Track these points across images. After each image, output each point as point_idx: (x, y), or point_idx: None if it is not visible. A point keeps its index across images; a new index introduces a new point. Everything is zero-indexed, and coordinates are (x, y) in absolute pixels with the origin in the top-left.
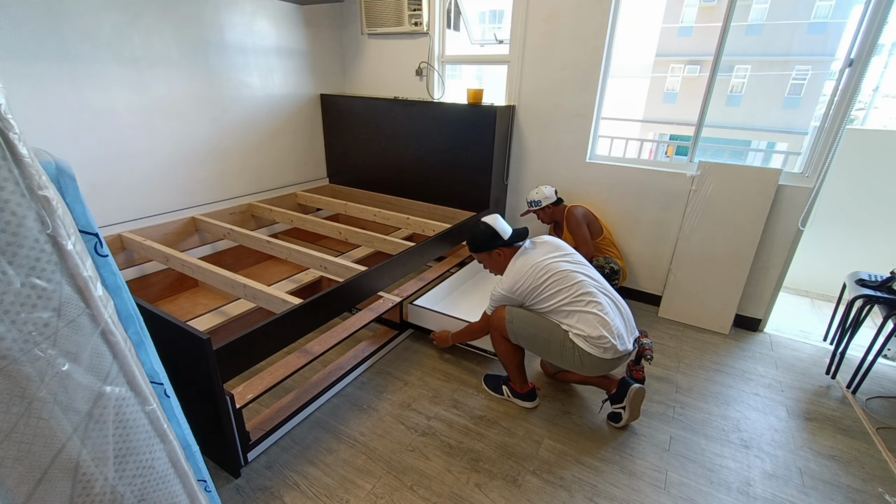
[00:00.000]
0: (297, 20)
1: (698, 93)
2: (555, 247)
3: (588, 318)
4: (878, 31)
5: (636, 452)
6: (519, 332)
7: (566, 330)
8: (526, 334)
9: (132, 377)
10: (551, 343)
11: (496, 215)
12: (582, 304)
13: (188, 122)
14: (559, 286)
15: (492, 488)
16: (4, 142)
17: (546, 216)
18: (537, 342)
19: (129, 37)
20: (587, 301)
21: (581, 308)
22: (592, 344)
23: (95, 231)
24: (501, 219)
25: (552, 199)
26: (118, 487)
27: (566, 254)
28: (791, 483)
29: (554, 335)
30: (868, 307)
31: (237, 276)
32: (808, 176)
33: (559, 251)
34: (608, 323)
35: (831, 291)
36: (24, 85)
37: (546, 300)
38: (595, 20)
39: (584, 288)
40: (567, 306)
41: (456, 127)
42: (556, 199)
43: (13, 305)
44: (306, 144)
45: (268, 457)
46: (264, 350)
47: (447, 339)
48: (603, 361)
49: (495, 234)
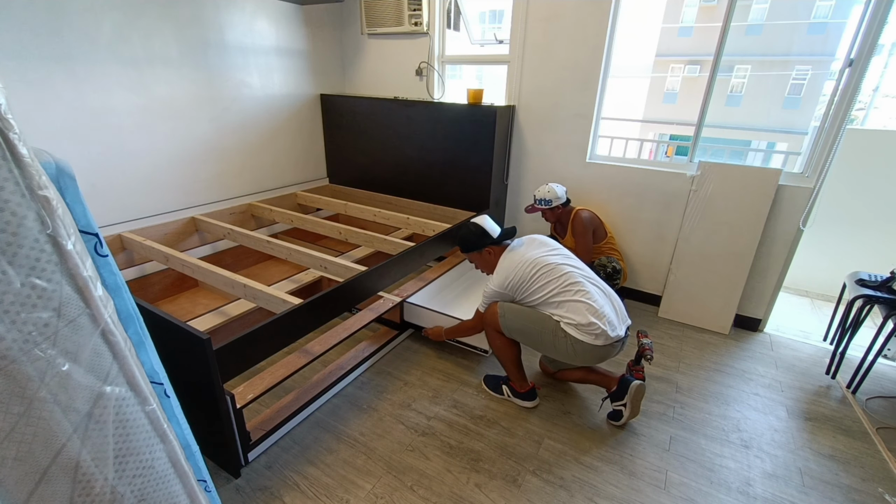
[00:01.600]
0: (297, 20)
1: (698, 93)
2: (541, 243)
3: (577, 307)
4: (878, 31)
5: (636, 452)
6: (512, 326)
7: (557, 320)
8: (518, 327)
9: (132, 377)
10: (543, 334)
11: (485, 215)
12: (570, 294)
13: (188, 122)
14: (547, 278)
15: (492, 488)
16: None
17: (552, 216)
18: (530, 334)
19: (129, 37)
20: (575, 290)
21: (569, 297)
22: (583, 331)
23: (95, 231)
24: (490, 219)
25: (562, 200)
26: (118, 487)
27: (553, 249)
28: (791, 483)
29: (546, 326)
30: (868, 307)
31: (237, 276)
32: (809, 176)
33: (546, 247)
34: (597, 310)
35: (831, 291)
36: (24, 85)
37: (535, 293)
38: (595, 20)
39: (571, 278)
40: (556, 297)
41: (456, 127)
42: (566, 200)
43: (13, 305)
44: (306, 144)
45: (268, 457)
46: (264, 350)
47: (440, 334)
48: (595, 348)
49: (484, 233)
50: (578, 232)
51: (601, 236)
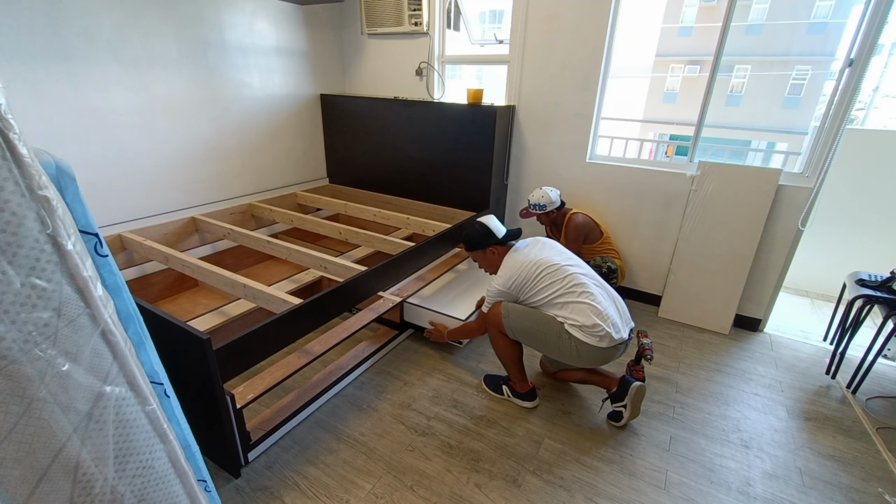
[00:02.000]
0: (297, 20)
1: (698, 93)
2: (546, 244)
3: (581, 308)
4: (878, 31)
5: (636, 452)
6: (516, 327)
7: (561, 322)
8: (523, 328)
9: (132, 377)
10: (548, 335)
11: (491, 215)
12: (574, 295)
13: (188, 122)
14: (551, 279)
15: (492, 488)
16: (4, 142)
17: (547, 219)
18: (534, 336)
19: (129, 37)
20: (580, 292)
21: (574, 299)
22: (588, 333)
23: (95, 231)
24: (496, 219)
25: (557, 205)
26: (118, 487)
27: (558, 251)
28: (791, 483)
29: (550, 327)
30: (868, 307)
31: (237, 276)
32: (808, 176)
33: (551, 248)
34: (601, 312)
35: (831, 291)
36: (24, 85)
37: (539, 293)
38: (595, 20)
39: (575, 280)
40: (560, 298)
41: (456, 127)
42: (560, 204)
43: (13, 305)
44: (306, 144)
45: (268, 457)
46: (264, 350)
47: (443, 335)
48: (599, 350)
49: (489, 233)
50: (571, 237)
51: (596, 237)
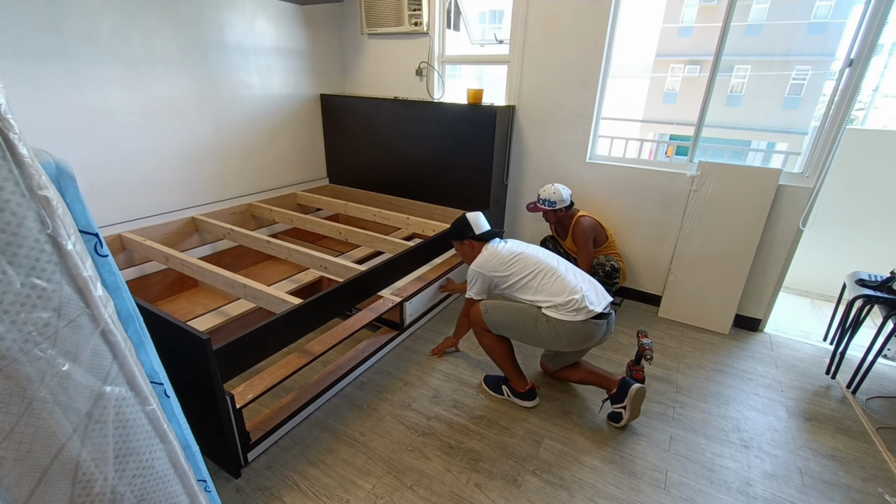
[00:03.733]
0: (297, 20)
1: (698, 93)
2: (524, 244)
3: (553, 288)
4: (878, 31)
5: (636, 452)
6: (496, 321)
7: (539, 306)
8: (503, 321)
9: (132, 377)
10: (526, 322)
11: (479, 213)
12: (546, 276)
13: (188, 122)
14: (523, 263)
15: (492, 488)
16: (4, 142)
17: (554, 217)
18: (513, 325)
19: (129, 37)
20: (551, 273)
21: (545, 279)
22: (563, 311)
23: (95, 231)
24: (483, 217)
25: (567, 203)
26: (118, 487)
27: (535, 248)
28: (791, 483)
29: (528, 314)
30: (868, 307)
31: (237, 276)
32: (808, 176)
33: (527, 246)
34: (573, 287)
35: (831, 291)
36: (24, 85)
37: (512, 276)
38: (595, 20)
39: (546, 263)
40: (532, 280)
41: (456, 127)
42: (570, 203)
43: (13, 305)
44: (306, 144)
45: (268, 457)
46: (264, 350)
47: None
48: (577, 326)
49: (468, 226)
50: (580, 241)
51: (601, 241)
